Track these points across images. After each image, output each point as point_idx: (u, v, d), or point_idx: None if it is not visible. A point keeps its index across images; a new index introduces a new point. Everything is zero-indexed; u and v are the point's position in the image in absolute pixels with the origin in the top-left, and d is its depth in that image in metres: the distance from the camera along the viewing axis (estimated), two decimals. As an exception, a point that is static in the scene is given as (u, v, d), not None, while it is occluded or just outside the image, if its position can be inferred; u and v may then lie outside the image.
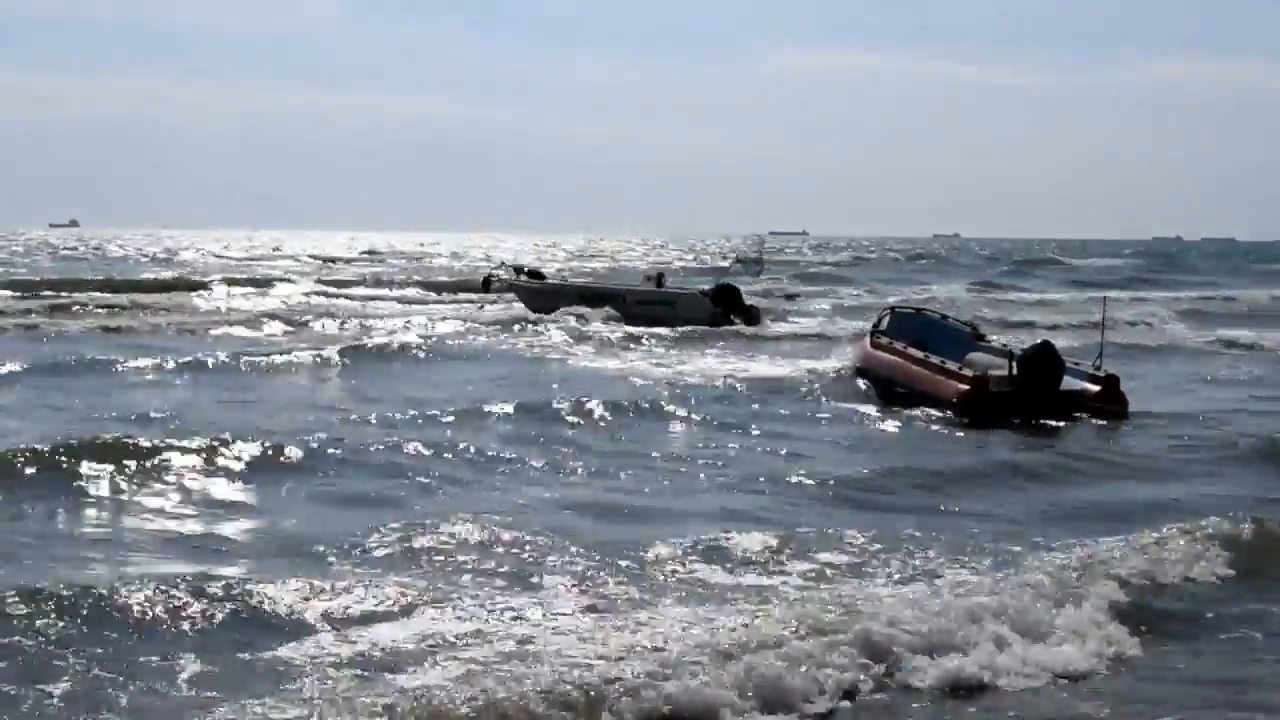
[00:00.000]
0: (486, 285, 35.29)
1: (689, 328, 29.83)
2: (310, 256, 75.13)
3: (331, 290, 42.69)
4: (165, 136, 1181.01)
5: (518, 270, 37.01)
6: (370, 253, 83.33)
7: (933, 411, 17.39)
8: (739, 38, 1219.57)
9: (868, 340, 20.76)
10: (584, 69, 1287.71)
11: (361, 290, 43.96)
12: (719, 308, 31.32)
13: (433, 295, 42.70)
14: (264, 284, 43.83)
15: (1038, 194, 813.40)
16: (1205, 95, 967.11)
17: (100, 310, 33.58)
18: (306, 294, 40.77)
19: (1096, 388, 17.67)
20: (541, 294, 34.24)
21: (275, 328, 30.09)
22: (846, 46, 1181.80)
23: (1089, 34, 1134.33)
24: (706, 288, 33.12)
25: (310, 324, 30.93)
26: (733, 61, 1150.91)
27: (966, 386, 17.40)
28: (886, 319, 21.27)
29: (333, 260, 71.78)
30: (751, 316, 31.90)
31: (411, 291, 44.17)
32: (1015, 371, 17.64)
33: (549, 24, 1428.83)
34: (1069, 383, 17.73)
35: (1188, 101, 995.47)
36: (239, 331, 28.93)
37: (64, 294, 36.73)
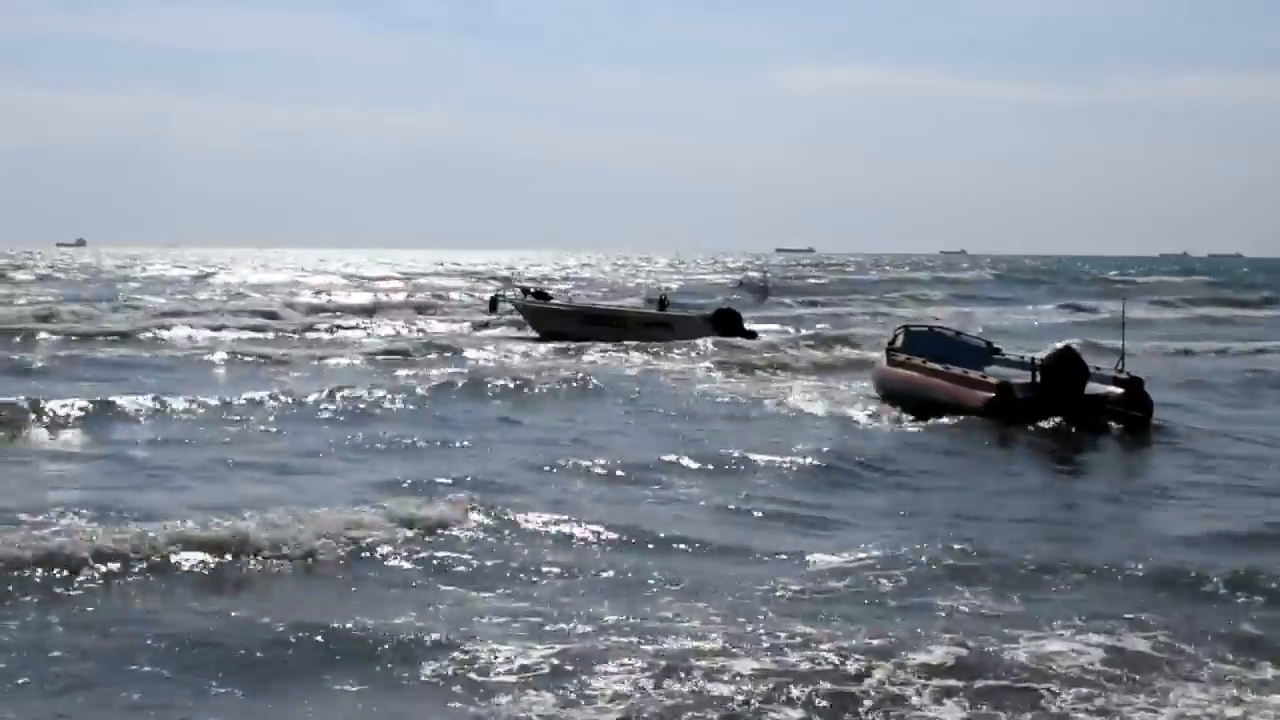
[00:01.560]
0: (493, 306, 35.57)
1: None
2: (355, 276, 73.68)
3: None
4: (171, 154, 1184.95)
5: (524, 291, 37.35)
6: (406, 275, 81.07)
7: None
8: (746, 54, 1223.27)
9: (883, 359, 20.96)
10: (593, 85, 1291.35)
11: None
12: (719, 331, 31.49)
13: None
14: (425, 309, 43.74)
15: (1043, 210, 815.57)
16: (1208, 110, 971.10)
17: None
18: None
19: (1120, 390, 17.65)
20: (546, 316, 34.52)
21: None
22: (852, 62, 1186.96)
23: (1093, 50, 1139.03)
24: (708, 311, 33.76)
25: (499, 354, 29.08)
26: (739, 77, 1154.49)
27: (991, 394, 17.53)
28: (900, 337, 21.50)
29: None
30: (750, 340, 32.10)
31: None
32: (1039, 378, 17.86)
33: (559, 40, 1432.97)
34: (1093, 387, 17.81)
35: (1189, 117, 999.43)
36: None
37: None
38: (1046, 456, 16.17)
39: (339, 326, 36.65)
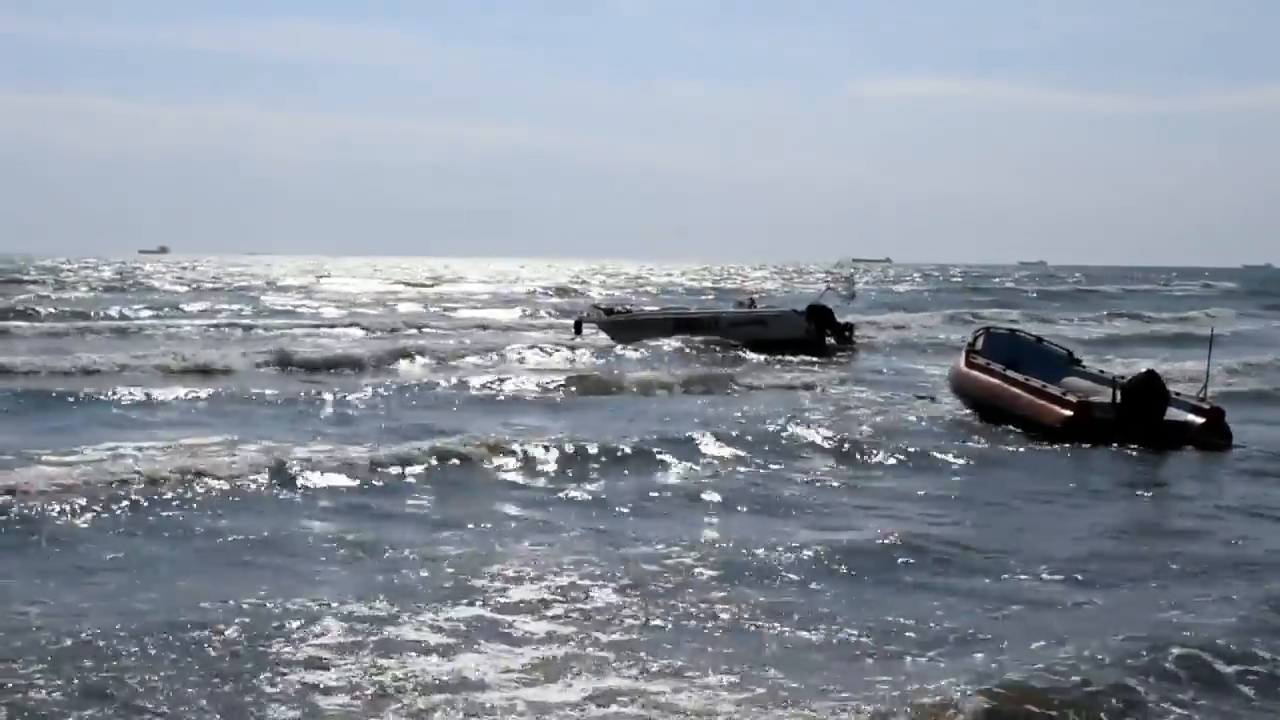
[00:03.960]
0: (578, 329, 34.88)
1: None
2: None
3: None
4: (252, 164, 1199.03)
5: (606, 311, 36.98)
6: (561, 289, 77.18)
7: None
8: (821, 65, 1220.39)
9: (962, 360, 20.61)
10: (667, 98, 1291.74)
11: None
12: (814, 326, 31.55)
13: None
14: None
15: (1120, 222, 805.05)
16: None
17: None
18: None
19: (1201, 419, 17.24)
20: (636, 327, 34.07)
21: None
22: (929, 73, 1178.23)
23: (1171, 62, 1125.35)
24: (800, 308, 33.30)
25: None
26: (812, 89, 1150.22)
27: (1070, 412, 17.34)
28: (981, 339, 21.32)
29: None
30: (845, 336, 32.14)
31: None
32: (1119, 399, 17.58)
33: (631, 53, 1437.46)
34: (1173, 414, 17.48)
35: (1264, 128, 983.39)
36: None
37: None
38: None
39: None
